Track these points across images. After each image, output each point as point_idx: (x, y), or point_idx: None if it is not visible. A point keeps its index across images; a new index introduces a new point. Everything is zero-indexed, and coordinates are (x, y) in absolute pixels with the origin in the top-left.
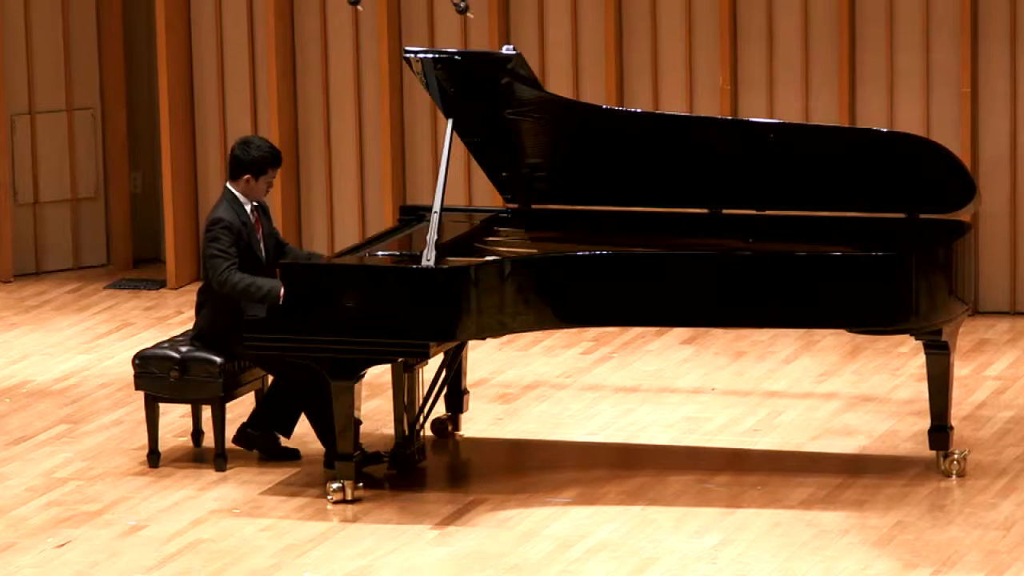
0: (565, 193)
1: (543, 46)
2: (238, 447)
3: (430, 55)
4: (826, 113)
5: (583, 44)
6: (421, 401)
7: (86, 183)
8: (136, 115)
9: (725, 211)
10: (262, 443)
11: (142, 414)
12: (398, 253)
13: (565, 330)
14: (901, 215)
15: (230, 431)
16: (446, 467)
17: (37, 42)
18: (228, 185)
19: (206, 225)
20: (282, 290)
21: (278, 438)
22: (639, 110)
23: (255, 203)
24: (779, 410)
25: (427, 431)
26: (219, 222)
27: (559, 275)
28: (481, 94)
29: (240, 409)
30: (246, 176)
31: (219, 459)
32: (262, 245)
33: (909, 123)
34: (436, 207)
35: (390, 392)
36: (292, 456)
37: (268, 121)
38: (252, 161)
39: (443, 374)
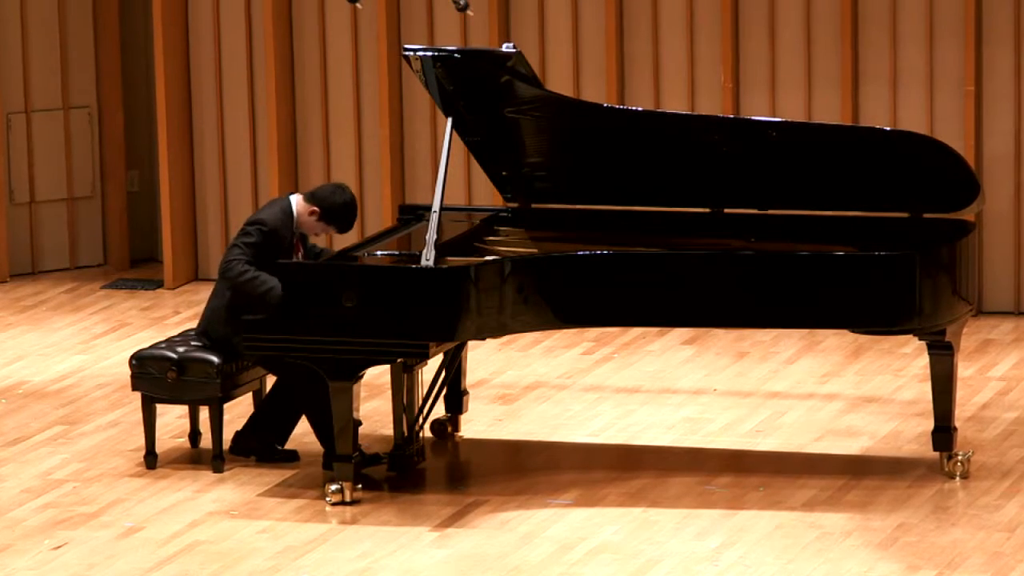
0: (566, 192)
1: (543, 44)
2: (228, 452)
3: (429, 53)
4: (829, 112)
5: (584, 42)
6: (420, 402)
7: (83, 182)
8: (133, 113)
9: (727, 210)
10: (259, 449)
11: (139, 415)
12: (397, 253)
13: (565, 330)
14: (904, 215)
15: (228, 432)
16: (445, 468)
17: (33, 40)
18: (294, 198)
19: (248, 220)
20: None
21: (273, 444)
22: (640, 108)
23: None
24: (781, 411)
25: (426, 432)
26: (260, 223)
27: (559, 275)
28: (481, 92)
29: (238, 410)
30: (316, 208)
31: (217, 460)
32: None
33: (912, 122)
34: (435, 206)
35: (389, 393)
36: (290, 458)
37: (266, 120)
38: (333, 207)
39: (443, 375)
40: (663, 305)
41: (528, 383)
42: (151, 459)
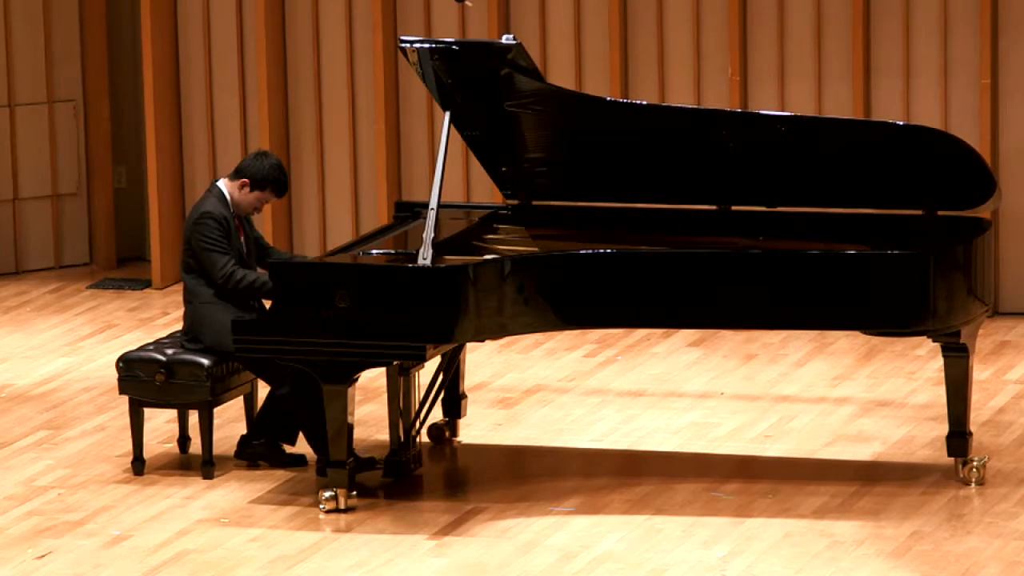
0: (567, 189)
1: (544, 35)
2: (233, 457)
3: (426, 45)
4: (840, 105)
5: (586, 33)
6: (417, 406)
7: (68, 178)
8: (120, 107)
9: (734, 208)
10: (266, 453)
11: (126, 419)
12: (393, 252)
13: (567, 332)
14: (918, 212)
15: (218, 436)
16: (443, 475)
17: (17, 32)
18: (221, 182)
19: (193, 218)
20: None
21: (282, 446)
22: (644, 102)
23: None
24: (791, 415)
25: (423, 437)
26: (208, 215)
27: (561, 275)
28: (480, 86)
29: (228, 414)
30: (244, 180)
31: (206, 466)
32: (244, 247)
33: (926, 116)
34: (433, 203)
35: (385, 396)
36: (298, 463)
37: (258, 114)
38: (261, 172)
39: (440, 378)
40: (668, 306)
41: (529, 386)
42: (139, 465)
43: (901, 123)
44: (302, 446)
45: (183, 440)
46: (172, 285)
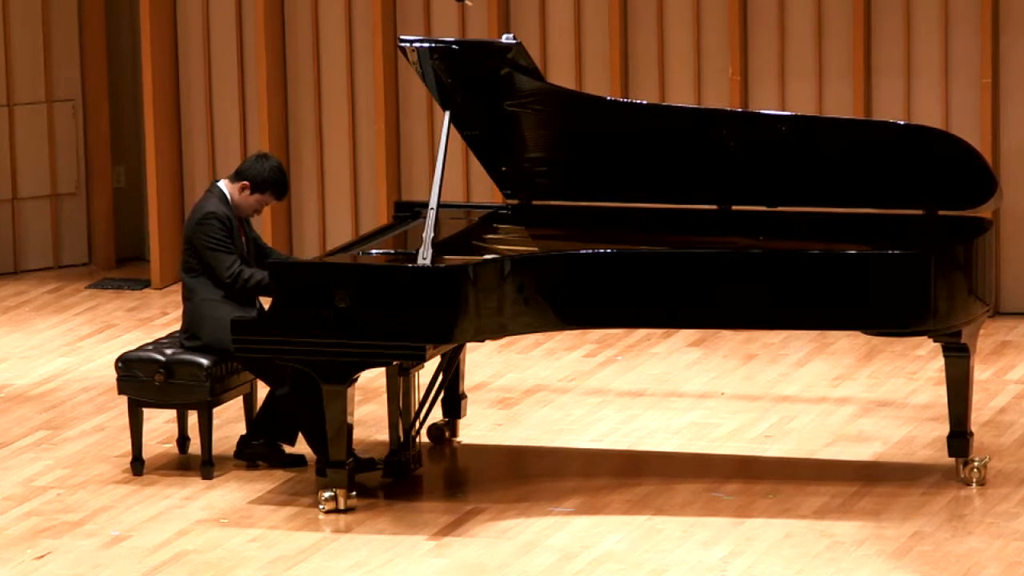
0: (567, 189)
1: (544, 35)
2: (232, 457)
3: (426, 44)
4: (840, 104)
5: (586, 32)
6: (417, 406)
7: (67, 178)
8: (119, 107)
9: (735, 207)
10: (265, 454)
11: (125, 420)
12: (393, 251)
13: (567, 332)
14: (919, 212)
15: (217, 437)
16: (443, 475)
17: (16, 31)
18: (222, 183)
19: (196, 218)
20: None
21: (281, 446)
22: (645, 102)
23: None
24: (791, 415)
25: (423, 437)
26: (211, 215)
27: (561, 274)
28: (480, 85)
29: (228, 414)
30: (244, 183)
31: (206, 466)
32: (244, 247)
33: (927, 115)
34: (432, 203)
35: (384, 396)
36: (298, 463)
37: (257, 113)
38: (261, 175)
39: (440, 378)
40: (668, 306)
41: (528, 387)
42: (138, 465)
43: (902, 123)
44: (302, 446)
45: (182, 440)
46: (171, 285)
